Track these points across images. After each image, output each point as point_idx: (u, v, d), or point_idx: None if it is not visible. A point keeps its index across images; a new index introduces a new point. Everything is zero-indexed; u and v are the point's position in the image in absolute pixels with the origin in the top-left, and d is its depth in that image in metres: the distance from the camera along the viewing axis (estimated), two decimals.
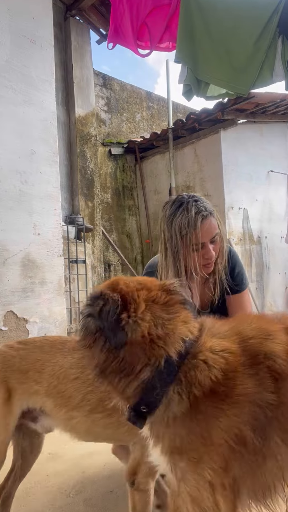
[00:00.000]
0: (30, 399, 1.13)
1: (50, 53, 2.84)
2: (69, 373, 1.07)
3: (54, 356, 1.11)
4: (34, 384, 1.10)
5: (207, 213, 1.49)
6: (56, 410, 1.09)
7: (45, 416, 1.16)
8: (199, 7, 2.67)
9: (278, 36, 2.44)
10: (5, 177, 2.50)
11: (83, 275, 4.02)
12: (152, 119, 6.02)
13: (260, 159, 5.05)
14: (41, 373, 1.10)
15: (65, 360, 1.10)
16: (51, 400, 1.09)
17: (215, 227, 1.52)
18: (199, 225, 1.46)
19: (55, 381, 1.08)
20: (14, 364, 1.12)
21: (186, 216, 1.47)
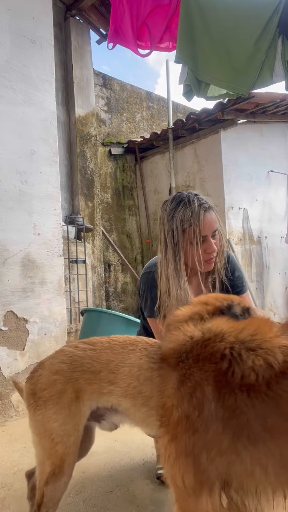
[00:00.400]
0: (101, 399, 1.13)
1: (50, 53, 2.84)
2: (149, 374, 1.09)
3: (128, 357, 1.12)
4: (107, 384, 1.11)
5: (208, 206, 1.51)
6: (135, 410, 1.10)
7: (115, 414, 1.17)
8: (199, 7, 2.67)
9: (278, 36, 2.43)
10: (5, 177, 2.50)
11: (83, 275, 4.02)
12: (152, 119, 6.02)
13: (260, 159, 5.05)
14: (116, 374, 1.10)
15: (141, 361, 1.11)
16: (129, 400, 1.09)
17: (216, 221, 1.53)
18: (202, 217, 1.46)
19: (134, 381, 1.09)
20: (83, 365, 1.12)
21: (189, 209, 1.47)
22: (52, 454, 1.08)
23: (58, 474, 1.08)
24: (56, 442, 1.08)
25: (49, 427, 1.09)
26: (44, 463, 1.09)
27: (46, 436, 1.09)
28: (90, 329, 3.27)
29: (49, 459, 1.08)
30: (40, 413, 1.10)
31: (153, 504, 1.47)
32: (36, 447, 1.13)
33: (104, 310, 3.45)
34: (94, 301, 4.42)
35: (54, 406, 1.09)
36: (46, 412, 1.09)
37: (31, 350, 2.56)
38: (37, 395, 1.12)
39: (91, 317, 3.34)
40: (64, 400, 1.10)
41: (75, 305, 3.93)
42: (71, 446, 1.11)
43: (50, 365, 1.15)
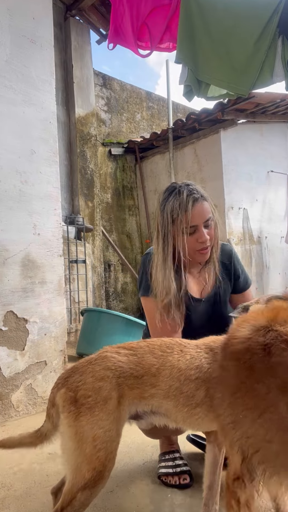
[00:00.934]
0: (141, 403, 1.17)
1: (50, 53, 2.84)
2: (189, 374, 1.13)
3: (167, 360, 1.16)
4: (149, 388, 1.14)
5: (199, 196, 1.51)
6: (177, 410, 1.14)
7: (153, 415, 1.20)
8: (199, 7, 2.67)
9: (278, 36, 2.43)
10: (5, 177, 2.50)
11: (83, 275, 4.02)
12: (152, 119, 6.02)
13: (260, 159, 5.06)
14: (157, 377, 1.14)
15: (180, 362, 1.15)
16: (171, 401, 1.13)
17: (208, 211, 1.52)
18: (190, 207, 1.47)
19: (176, 383, 1.12)
20: (127, 371, 1.15)
21: (178, 199, 1.49)
22: (93, 460, 1.08)
23: (98, 480, 1.09)
24: (99, 448, 1.09)
25: (93, 433, 1.09)
26: (82, 469, 1.09)
27: (89, 442, 1.09)
28: (90, 329, 3.28)
29: (89, 464, 1.08)
30: (84, 419, 1.10)
31: (153, 504, 1.47)
32: (72, 453, 1.12)
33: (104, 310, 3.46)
34: (94, 301, 4.42)
35: (100, 412, 1.10)
36: (92, 419, 1.09)
37: (31, 350, 2.56)
38: (80, 402, 1.12)
39: (91, 317, 3.35)
40: (109, 407, 1.11)
41: (75, 305, 3.93)
42: (113, 452, 1.13)
43: (94, 372, 1.15)
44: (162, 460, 1.65)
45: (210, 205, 1.55)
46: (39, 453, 1.97)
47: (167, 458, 1.63)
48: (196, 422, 1.14)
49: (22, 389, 2.50)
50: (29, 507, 1.52)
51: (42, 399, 2.60)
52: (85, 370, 1.17)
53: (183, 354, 1.17)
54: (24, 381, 2.51)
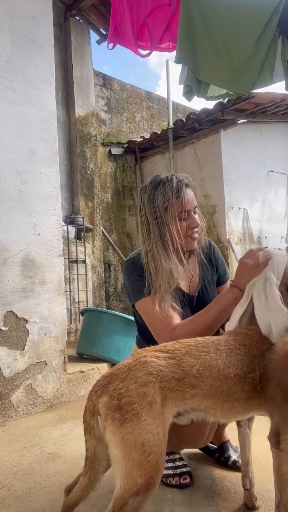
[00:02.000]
0: (183, 403, 1.19)
1: (50, 53, 2.84)
2: (228, 372, 1.18)
3: (205, 360, 1.19)
4: (190, 389, 1.17)
5: (187, 183, 1.54)
6: (216, 406, 1.19)
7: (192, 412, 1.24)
8: (199, 7, 2.67)
9: (278, 36, 2.43)
10: (5, 177, 2.50)
11: (83, 275, 4.02)
12: (152, 119, 6.02)
13: (260, 159, 5.06)
14: (198, 377, 1.17)
15: (218, 361, 1.19)
16: (211, 400, 1.18)
17: (194, 199, 1.56)
18: (182, 192, 1.49)
19: (216, 382, 1.17)
20: (168, 374, 1.16)
21: (169, 186, 1.50)
22: (144, 465, 1.09)
23: (151, 485, 1.09)
24: (149, 453, 1.09)
25: (141, 438, 1.09)
26: (134, 475, 1.09)
27: (138, 448, 1.09)
28: (90, 329, 3.28)
29: (141, 470, 1.08)
30: (130, 426, 1.10)
31: (153, 504, 1.47)
32: (122, 460, 1.11)
33: (104, 310, 3.46)
34: (94, 301, 4.42)
35: (147, 417, 1.11)
36: (139, 424, 1.10)
37: (31, 350, 2.56)
38: (125, 409, 1.12)
39: (91, 317, 3.34)
40: (155, 411, 1.12)
41: (75, 305, 3.93)
42: (163, 455, 1.13)
43: (136, 378, 1.15)
44: None
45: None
46: (39, 453, 1.98)
47: (167, 459, 1.63)
48: (233, 415, 1.22)
49: (22, 389, 2.50)
50: (29, 507, 1.52)
51: (42, 399, 2.60)
52: (126, 376, 1.17)
53: (219, 352, 1.21)
54: (24, 381, 2.51)
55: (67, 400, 2.73)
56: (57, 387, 2.69)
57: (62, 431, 2.24)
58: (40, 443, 2.09)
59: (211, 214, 4.77)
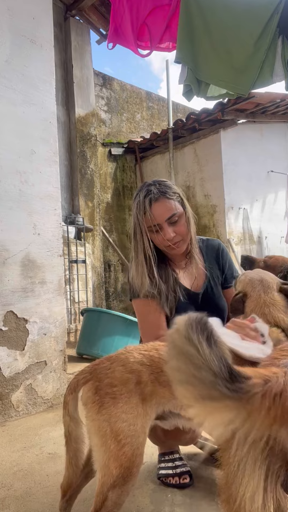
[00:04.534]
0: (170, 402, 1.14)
1: (50, 53, 2.84)
2: None
3: None
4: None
5: (158, 196, 1.52)
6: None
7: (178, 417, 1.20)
8: (199, 7, 2.67)
9: (278, 36, 2.44)
10: (5, 177, 2.50)
11: (83, 275, 4.02)
12: (152, 119, 6.02)
13: (260, 159, 5.06)
14: None
15: None
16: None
17: (170, 208, 1.53)
18: (147, 208, 1.51)
19: None
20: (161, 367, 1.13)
21: (138, 201, 1.54)
22: (119, 456, 1.05)
23: (126, 477, 1.05)
24: (123, 443, 1.05)
25: (116, 427, 1.05)
26: (110, 466, 1.05)
27: (113, 437, 1.05)
28: (90, 329, 3.28)
29: (116, 461, 1.05)
30: (107, 412, 1.06)
31: (153, 504, 1.47)
32: (99, 449, 1.08)
33: (104, 310, 3.46)
34: (94, 301, 4.42)
35: (124, 405, 1.06)
36: (115, 411, 1.06)
37: (31, 350, 2.56)
38: (104, 391, 1.08)
39: (91, 317, 3.34)
40: (134, 401, 1.08)
41: (75, 305, 3.93)
42: (139, 447, 1.09)
43: (126, 362, 1.12)
44: (161, 461, 1.65)
45: (174, 200, 1.55)
46: (39, 453, 1.98)
47: (166, 459, 1.63)
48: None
49: (22, 389, 2.50)
50: (29, 507, 1.52)
51: (42, 399, 2.60)
52: (118, 358, 1.15)
53: None
54: (24, 381, 2.51)
55: None
56: (57, 387, 2.69)
57: (62, 431, 2.23)
58: (40, 443, 2.09)
59: (211, 214, 4.77)
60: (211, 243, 1.76)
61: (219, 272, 1.72)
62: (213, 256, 1.72)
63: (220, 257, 1.73)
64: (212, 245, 1.75)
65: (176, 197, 1.57)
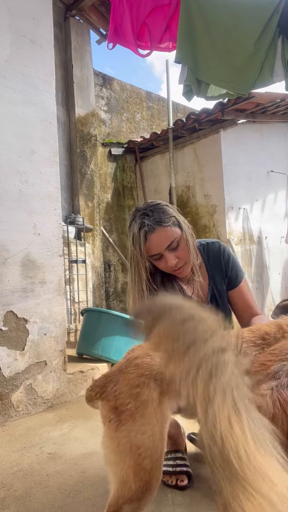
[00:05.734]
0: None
1: (50, 53, 2.84)
2: None
3: None
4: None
5: (153, 227, 1.47)
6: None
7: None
8: (199, 7, 2.67)
9: (278, 36, 2.44)
10: (5, 177, 2.50)
11: (83, 275, 4.02)
12: (152, 119, 6.02)
13: (260, 159, 5.06)
14: None
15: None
16: None
17: (168, 236, 1.49)
18: (143, 241, 1.48)
19: None
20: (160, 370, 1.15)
21: (133, 232, 1.51)
22: (139, 470, 1.02)
23: (146, 491, 1.03)
24: (144, 456, 1.02)
25: (136, 441, 1.03)
26: (129, 481, 1.03)
27: (133, 451, 1.03)
28: (90, 329, 3.27)
29: (136, 476, 1.02)
30: (126, 428, 1.05)
31: (153, 504, 1.47)
32: (116, 465, 1.06)
33: (104, 310, 3.45)
34: (94, 301, 4.42)
35: (141, 418, 1.05)
36: (134, 426, 1.04)
37: (31, 350, 2.56)
38: (119, 409, 1.07)
39: (91, 317, 3.34)
40: (150, 410, 1.06)
41: (75, 305, 3.93)
42: (159, 459, 1.06)
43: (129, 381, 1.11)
44: (164, 459, 1.65)
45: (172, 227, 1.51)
46: (39, 453, 1.98)
47: (169, 457, 1.63)
48: None
49: (22, 389, 2.50)
50: (29, 507, 1.52)
51: (42, 399, 2.60)
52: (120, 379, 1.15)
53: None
54: (24, 381, 2.51)
55: (67, 400, 2.73)
56: (57, 387, 2.69)
57: (62, 431, 2.24)
58: (40, 443, 2.09)
59: (211, 214, 4.77)
60: (211, 248, 1.72)
61: (222, 275, 1.70)
62: (215, 261, 1.70)
63: (222, 260, 1.70)
64: (213, 249, 1.71)
65: (172, 222, 1.52)
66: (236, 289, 1.71)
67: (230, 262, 1.70)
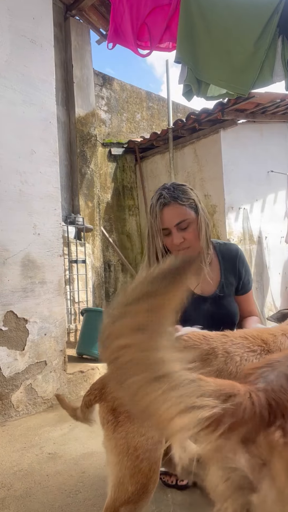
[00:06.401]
0: None
1: (50, 53, 2.84)
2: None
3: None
4: None
5: (169, 200, 1.53)
6: None
7: None
8: (199, 7, 2.67)
9: (278, 36, 2.44)
10: (5, 177, 2.50)
11: (83, 275, 4.02)
12: (152, 119, 6.02)
13: (260, 159, 5.05)
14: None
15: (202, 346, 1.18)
16: None
17: (181, 213, 1.54)
18: (158, 212, 1.53)
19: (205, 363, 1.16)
20: None
21: (152, 205, 1.57)
22: (136, 472, 1.02)
23: (142, 494, 1.03)
24: (141, 458, 1.02)
25: (134, 443, 1.03)
26: (125, 482, 1.03)
27: (130, 453, 1.03)
28: (90, 329, 3.28)
29: (132, 478, 1.02)
30: (123, 430, 1.04)
31: (153, 504, 1.47)
32: (114, 467, 1.06)
33: None
34: (94, 301, 4.42)
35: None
36: (131, 427, 1.04)
37: (31, 350, 2.56)
38: (118, 411, 1.07)
39: (91, 317, 3.34)
40: None
41: (75, 305, 3.93)
42: (157, 462, 1.06)
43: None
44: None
45: (188, 208, 1.55)
46: (39, 453, 1.98)
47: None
48: None
49: (22, 389, 2.50)
50: (29, 507, 1.52)
51: (42, 399, 2.60)
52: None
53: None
54: (24, 381, 2.51)
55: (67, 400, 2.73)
56: (57, 387, 2.69)
57: (62, 431, 2.24)
58: (40, 443, 2.09)
59: (211, 214, 4.77)
60: (228, 248, 1.74)
61: (235, 278, 1.71)
62: (230, 262, 1.71)
63: (237, 263, 1.72)
64: (230, 250, 1.73)
65: (190, 203, 1.56)
66: (244, 296, 1.74)
67: (244, 267, 1.73)
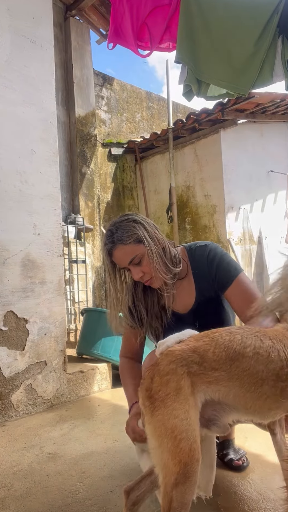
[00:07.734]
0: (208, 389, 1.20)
1: (50, 53, 2.84)
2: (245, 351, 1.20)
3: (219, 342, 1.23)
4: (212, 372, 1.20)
5: (112, 245, 1.55)
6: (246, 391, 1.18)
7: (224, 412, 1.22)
8: (199, 7, 2.67)
9: (278, 36, 2.43)
10: (5, 177, 2.50)
11: (83, 275, 4.02)
12: (152, 119, 6.02)
13: (260, 159, 5.05)
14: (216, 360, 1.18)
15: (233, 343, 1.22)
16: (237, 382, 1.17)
17: (126, 254, 1.53)
18: (109, 258, 1.59)
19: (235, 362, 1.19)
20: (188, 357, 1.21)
21: (102, 249, 1.65)
22: (178, 453, 1.05)
23: (187, 473, 1.05)
24: (179, 438, 1.06)
25: (170, 424, 1.07)
26: (169, 464, 1.06)
27: (168, 434, 1.07)
28: (90, 329, 3.28)
29: (174, 458, 1.05)
30: (160, 413, 1.10)
31: (153, 504, 1.47)
32: (157, 450, 1.09)
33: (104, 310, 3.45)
34: (94, 301, 4.42)
35: (173, 402, 1.10)
36: (166, 410, 1.09)
37: (31, 350, 2.56)
38: (154, 397, 1.13)
39: (91, 317, 3.34)
40: (182, 396, 1.11)
41: (75, 305, 3.93)
42: (196, 441, 1.09)
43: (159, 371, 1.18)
44: None
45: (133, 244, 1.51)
46: (39, 453, 1.98)
47: None
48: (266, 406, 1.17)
49: (22, 389, 2.50)
50: (29, 507, 1.52)
51: (42, 399, 2.60)
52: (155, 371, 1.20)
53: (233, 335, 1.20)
54: (24, 381, 2.51)
55: (67, 400, 2.73)
56: (57, 387, 2.69)
57: (62, 431, 2.24)
58: (40, 443, 2.09)
59: (211, 214, 4.77)
60: (198, 253, 1.64)
61: (209, 280, 1.60)
62: (200, 267, 1.61)
63: (206, 263, 1.60)
64: (202, 252, 1.63)
65: (134, 239, 1.51)
66: (230, 288, 1.56)
67: (214, 263, 1.59)
